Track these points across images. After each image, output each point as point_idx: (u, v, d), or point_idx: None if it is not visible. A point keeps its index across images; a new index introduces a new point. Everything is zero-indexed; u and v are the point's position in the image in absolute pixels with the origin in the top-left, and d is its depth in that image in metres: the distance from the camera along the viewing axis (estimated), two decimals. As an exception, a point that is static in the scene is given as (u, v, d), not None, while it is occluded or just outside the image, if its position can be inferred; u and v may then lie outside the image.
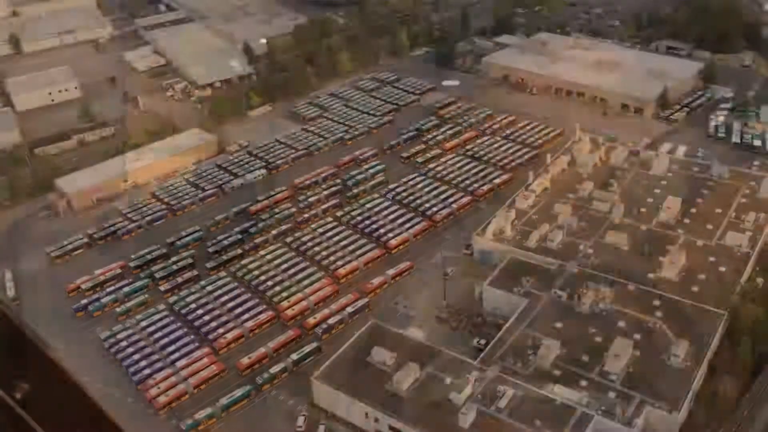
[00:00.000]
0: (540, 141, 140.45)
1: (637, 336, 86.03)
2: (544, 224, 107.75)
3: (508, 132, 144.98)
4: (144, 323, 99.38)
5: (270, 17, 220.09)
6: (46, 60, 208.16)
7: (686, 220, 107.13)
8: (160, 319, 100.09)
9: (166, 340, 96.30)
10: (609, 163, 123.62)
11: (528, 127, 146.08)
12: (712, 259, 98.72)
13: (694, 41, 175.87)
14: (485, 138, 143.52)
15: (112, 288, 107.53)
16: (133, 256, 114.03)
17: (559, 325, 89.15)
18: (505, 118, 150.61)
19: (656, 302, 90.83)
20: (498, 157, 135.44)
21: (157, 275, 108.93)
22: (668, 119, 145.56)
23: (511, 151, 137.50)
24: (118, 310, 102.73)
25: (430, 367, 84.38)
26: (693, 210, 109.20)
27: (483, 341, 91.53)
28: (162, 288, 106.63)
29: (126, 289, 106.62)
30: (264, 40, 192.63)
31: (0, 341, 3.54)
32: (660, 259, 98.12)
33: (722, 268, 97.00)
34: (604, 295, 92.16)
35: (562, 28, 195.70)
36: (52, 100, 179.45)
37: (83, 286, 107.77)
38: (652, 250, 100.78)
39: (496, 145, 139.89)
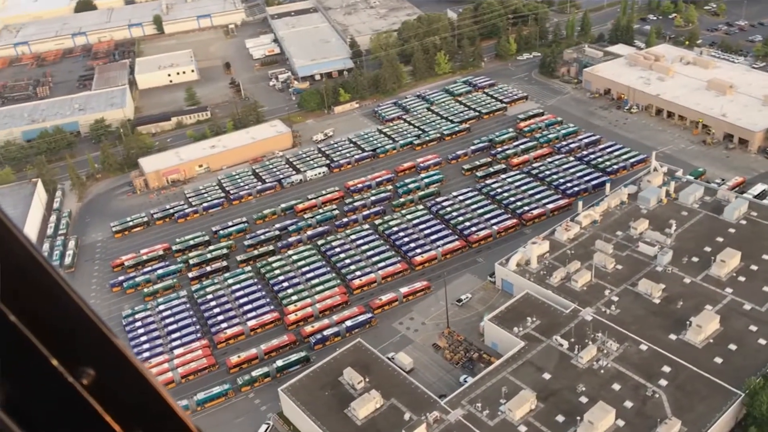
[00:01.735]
0: (618, 166, 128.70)
1: (629, 404, 77.03)
2: (575, 262, 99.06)
3: (585, 152, 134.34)
4: (162, 307, 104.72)
5: (388, 11, 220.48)
6: (179, 42, 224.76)
7: (741, 278, 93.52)
8: (177, 305, 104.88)
9: (174, 326, 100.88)
10: (676, 201, 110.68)
11: (610, 149, 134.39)
12: (753, 327, 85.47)
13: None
14: (558, 157, 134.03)
15: (150, 268, 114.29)
16: (177, 240, 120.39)
17: (547, 376, 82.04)
18: (588, 137, 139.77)
19: (665, 368, 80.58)
20: (563, 180, 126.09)
21: (191, 261, 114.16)
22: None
23: (579, 174, 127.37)
24: (145, 290, 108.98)
25: (395, 398, 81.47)
26: (754, 267, 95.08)
27: (470, 379, 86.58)
28: (190, 275, 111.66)
29: (160, 271, 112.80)
30: (369, 36, 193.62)
31: (69, 328, 3.98)
32: (690, 320, 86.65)
33: (762, 341, 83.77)
34: (607, 351, 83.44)
35: (692, 40, 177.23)
36: (171, 81, 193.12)
37: (126, 263, 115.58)
38: (686, 308, 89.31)
39: (565, 166, 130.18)
